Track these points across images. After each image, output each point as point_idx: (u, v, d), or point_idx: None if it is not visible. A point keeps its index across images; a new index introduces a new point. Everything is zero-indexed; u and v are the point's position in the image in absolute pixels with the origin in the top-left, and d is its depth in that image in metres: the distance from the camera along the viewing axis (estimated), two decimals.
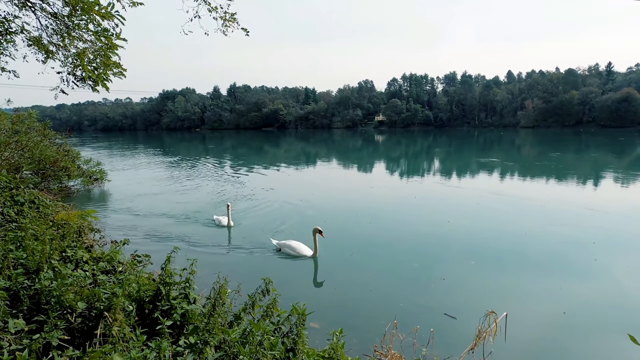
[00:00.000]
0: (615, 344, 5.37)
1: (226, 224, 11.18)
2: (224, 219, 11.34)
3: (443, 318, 6.14)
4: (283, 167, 27.70)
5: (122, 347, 3.13)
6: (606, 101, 74.39)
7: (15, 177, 9.03)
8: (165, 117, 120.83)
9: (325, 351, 3.31)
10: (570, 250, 9.05)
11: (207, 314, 3.57)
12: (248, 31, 6.15)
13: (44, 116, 19.93)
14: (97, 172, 17.96)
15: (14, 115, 14.88)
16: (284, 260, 8.77)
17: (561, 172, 22.12)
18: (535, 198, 14.78)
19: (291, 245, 9.00)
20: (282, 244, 9.19)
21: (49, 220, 6.86)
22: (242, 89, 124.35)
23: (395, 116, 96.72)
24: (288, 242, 9.12)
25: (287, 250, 9.01)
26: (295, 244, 8.99)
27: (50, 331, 3.14)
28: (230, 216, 11.18)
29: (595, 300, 6.65)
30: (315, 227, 8.72)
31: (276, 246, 9.29)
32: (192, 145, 57.15)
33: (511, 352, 5.22)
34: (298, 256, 8.83)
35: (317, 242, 8.72)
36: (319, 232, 8.66)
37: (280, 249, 9.16)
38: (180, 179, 21.62)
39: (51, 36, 5.90)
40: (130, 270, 5.30)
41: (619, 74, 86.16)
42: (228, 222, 11.17)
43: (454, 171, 24.30)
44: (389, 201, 15.26)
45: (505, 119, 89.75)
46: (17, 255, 4.49)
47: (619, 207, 13.16)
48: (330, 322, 5.67)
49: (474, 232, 10.66)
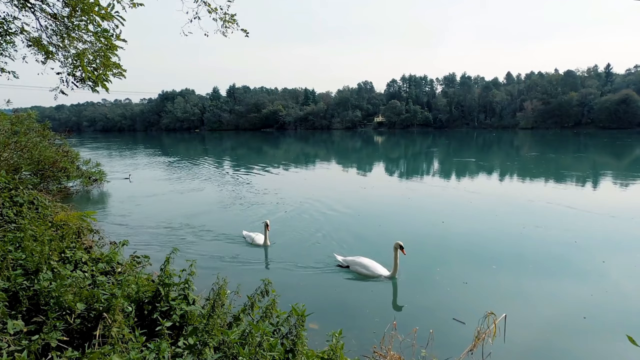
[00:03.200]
0: (614, 345, 5.37)
1: (262, 243, 9.70)
2: (257, 236, 9.90)
3: (442, 319, 6.14)
4: (285, 168, 27.66)
5: (121, 348, 3.13)
6: (605, 103, 74.57)
7: (15, 177, 9.02)
8: (165, 118, 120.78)
9: (324, 352, 3.31)
10: (569, 250, 9.06)
11: (206, 315, 3.57)
12: (248, 32, 6.17)
13: (43, 117, 19.93)
14: (96, 173, 17.95)
15: (13, 116, 14.88)
16: (355, 283, 7.60)
17: (558, 174, 22.19)
18: (533, 199, 14.80)
19: (363, 263, 7.85)
20: (350, 262, 8.03)
21: (48, 221, 6.85)
22: (242, 89, 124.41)
23: (395, 117, 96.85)
24: (358, 259, 7.96)
25: (357, 268, 7.86)
26: (368, 261, 7.88)
27: (49, 332, 3.13)
28: (268, 235, 9.69)
29: (595, 301, 6.65)
30: (396, 242, 7.55)
31: (342, 263, 8.18)
32: (192, 146, 57.15)
33: (510, 353, 5.22)
34: (373, 276, 7.69)
35: (397, 259, 7.58)
36: (401, 247, 7.51)
37: (349, 266, 8.02)
38: (180, 180, 21.60)
39: (51, 37, 5.91)
40: (129, 271, 5.30)
41: (617, 76, 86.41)
42: (265, 242, 9.67)
43: (449, 172, 24.33)
44: (388, 201, 15.27)
45: (505, 120, 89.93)
46: (16, 256, 4.48)
47: (621, 210, 13.17)
48: (329, 323, 5.67)
49: (470, 233, 10.66)
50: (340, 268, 8.11)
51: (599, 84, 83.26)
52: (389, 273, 7.65)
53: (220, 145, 58.51)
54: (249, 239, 9.95)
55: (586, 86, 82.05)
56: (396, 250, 7.53)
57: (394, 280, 7.55)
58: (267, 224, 9.62)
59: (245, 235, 10.23)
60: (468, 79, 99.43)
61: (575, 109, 79.66)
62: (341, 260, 8.23)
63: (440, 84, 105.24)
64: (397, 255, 7.53)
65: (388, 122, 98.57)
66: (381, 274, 7.66)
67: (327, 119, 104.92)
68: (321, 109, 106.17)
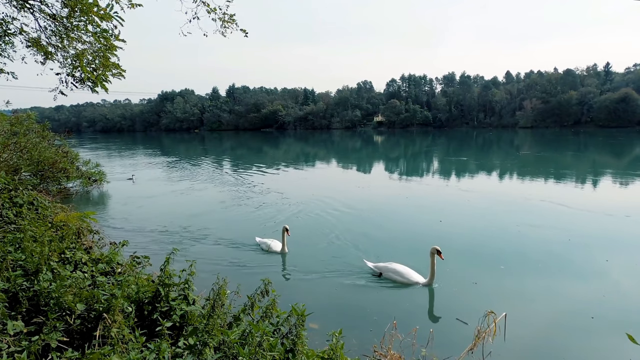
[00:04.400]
0: (615, 344, 5.38)
1: (279, 250, 9.06)
2: (274, 243, 9.21)
3: (442, 318, 6.15)
4: (286, 168, 27.66)
5: (121, 349, 3.13)
6: (604, 101, 74.67)
7: (14, 178, 9.02)
8: (164, 118, 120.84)
9: (324, 352, 3.31)
10: (568, 249, 9.06)
11: (206, 315, 3.57)
12: (247, 32, 6.17)
13: (42, 117, 19.91)
14: (96, 174, 17.95)
15: (12, 117, 14.88)
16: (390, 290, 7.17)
17: (549, 172, 22.23)
18: (529, 197, 14.80)
19: (397, 269, 7.46)
20: (383, 268, 7.61)
21: (48, 222, 6.84)
22: (241, 89, 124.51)
23: (394, 117, 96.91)
24: (392, 266, 7.55)
25: (391, 275, 7.45)
26: (402, 268, 7.48)
27: (49, 333, 3.13)
28: (286, 241, 9.04)
29: (594, 299, 6.66)
30: (433, 247, 7.08)
31: (373, 270, 7.75)
32: (192, 146, 57.15)
33: (510, 352, 5.22)
34: (408, 283, 7.28)
35: (434, 265, 7.12)
36: (438, 252, 7.06)
37: (382, 273, 7.62)
38: (180, 180, 21.61)
39: (50, 37, 5.91)
40: (129, 272, 5.29)
41: (617, 75, 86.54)
42: (282, 249, 9.03)
43: (447, 172, 24.33)
44: (386, 200, 15.27)
45: (504, 120, 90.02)
46: (15, 256, 4.48)
47: (617, 208, 13.17)
48: (329, 323, 5.67)
49: (469, 232, 10.67)
50: (373, 276, 7.67)
51: (598, 82, 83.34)
52: (425, 280, 7.23)
53: (220, 145, 58.52)
54: (265, 246, 9.24)
55: (585, 85, 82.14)
56: (433, 256, 7.07)
57: (431, 287, 7.13)
58: (287, 229, 8.95)
59: (260, 242, 9.53)
60: (467, 78, 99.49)
61: (574, 107, 79.75)
62: (372, 267, 7.77)
63: (439, 83, 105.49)
64: (434, 261, 7.07)
65: (387, 122, 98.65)
66: (417, 281, 7.26)
67: (326, 118, 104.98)
68: (321, 109, 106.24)
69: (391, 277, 7.47)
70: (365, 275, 7.79)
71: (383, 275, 7.59)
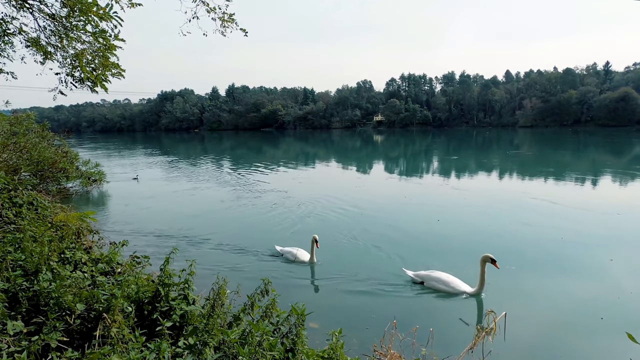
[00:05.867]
0: (615, 343, 5.38)
1: (307, 259, 8.45)
2: (300, 252, 8.58)
3: (442, 318, 6.15)
4: (286, 168, 27.63)
5: (121, 349, 3.13)
6: (604, 100, 74.68)
7: (14, 178, 9.01)
8: (164, 118, 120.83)
9: (324, 351, 3.30)
10: (566, 248, 9.06)
11: (206, 314, 3.57)
12: (246, 32, 6.16)
13: (42, 117, 19.89)
14: (96, 174, 17.95)
15: (12, 117, 14.88)
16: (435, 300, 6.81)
17: (553, 172, 22.21)
18: (530, 197, 14.80)
19: (441, 278, 7.02)
20: (425, 277, 7.20)
21: (48, 222, 6.84)
22: (241, 89, 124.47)
23: (394, 116, 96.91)
24: (435, 274, 7.14)
25: (434, 284, 7.03)
26: (446, 276, 7.06)
27: (49, 333, 3.13)
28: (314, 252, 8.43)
29: (594, 299, 6.66)
30: (486, 255, 6.71)
31: (413, 279, 7.35)
32: (191, 146, 57.12)
33: (510, 351, 5.23)
34: (454, 293, 6.85)
35: (485, 274, 6.72)
36: (492, 261, 6.66)
37: (424, 282, 7.22)
38: (180, 180, 21.60)
39: (49, 37, 5.90)
40: (129, 272, 5.29)
41: (616, 73, 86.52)
42: (311, 258, 8.41)
43: (446, 171, 24.34)
44: (384, 201, 15.27)
45: (504, 119, 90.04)
46: (15, 256, 4.48)
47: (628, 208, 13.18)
48: (329, 322, 5.67)
49: (469, 231, 10.68)
50: (414, 284, 7.30)
51: (598, 81, 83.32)
52: (473, 290, 6.80)
53: (220, 145, 58.52)
54: (290, 256, 8.57)
55: (585, 84, 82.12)
56: (484, 264, 6.68)
57: (479, 297, 6.74)
58: (316, 241, 8.28)
59: (282, 250, 8.87)
60: (467, 77, 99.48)
61: (574, 107, 79.75)
62: (413, 275, 7.37)
63: (439, 82, 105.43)
64: (484, 269, 6.68)
65: (387, 121, 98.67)
66: (464, 291, 6.82)
67: (326, 118, 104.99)
68: (320, 109, 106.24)
69: (434, 286, 7.02)
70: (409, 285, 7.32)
71: (425, 284, 7.17)
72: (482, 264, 6.72)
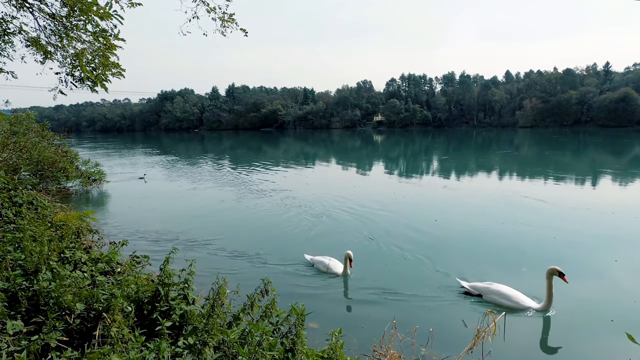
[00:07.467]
0: (615, 343, 5.38)
1: (340, 272, 7.86)
2: (332, 262, 8.03)
3: (442, 318, 6.14)
4: (286, 168, 27.60)
5: (121, 348, 3.13)
6: (604, 101, 74.67)
7: (14, 178, 9.01)
8: (164, 118, 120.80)
9: (324, 351, 3.30)
10: (567, 248, 9.06)
11: (206, 314, 3.57)
12: (247, 31, 6.16)
13: (42, 117, 19.90)
14: (96, 173, 17.94)
15: (12, 116, 14.89)
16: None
17: (551, 173, 22.23)
18: (530, 197, 14.81)
19: (502, 292, 6.52)
20: (484, 290, 6.73)
21: (48, 222, 6.85)
22: (241, 89, 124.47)
23: (394, 116, 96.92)
24: (494, 287, 6.64)
25: (495, 298, 6.53)
26: (508, 290, 6.53)
27: (48, 332, 3.13)
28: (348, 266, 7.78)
29: (594, 298, 6.66)
30: (552, 268, 6.20)
31: (471, 290, 6.88)
32: (192, 146, 57.12)
33: (510, 351, 5.23)
34: (518, 308, 6.33)
35: (552, 288, 6.17)
36: (560, 274, 6.15)
37: (482, 295, 6.74)
38: (180, 179, 21.58)
39: (49, 37, 5.90)
40: (129, 271, 5.29)
41: (616, 74, 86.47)
42: (344, 271, 7.79)
43: (445, 171, 24.35)
44: (378, 199, 15.27)
45: (504, 119, 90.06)
46: (15, 256, 4.48)
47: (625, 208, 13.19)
48: (329, 322, 5.67)
49: (469, 230, 10.66)
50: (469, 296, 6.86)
51: (598, 82, 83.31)
52: (540, 305, 6.26)
53: (220, 145, 58.48)
54: (322, 266, 8.02)
55: (585, 84, 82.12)
56: (551, 277, 6.16)
57: (546, 314, 6.18)
58: (350, 259, 7.68)
59: (313, 260, 8.34)
60: (467, 77, 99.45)
61: (574, 107, 79.75)
62: (469, 287, 6.88)
63: (439, 82, 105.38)
64: (551, 283, 6.16)
65: (387, 121, 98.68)
66: (530, 306, 6.28)
67: (326, 118, 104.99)
68: (320, 109, 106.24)
69: (495, 300, 6.50)
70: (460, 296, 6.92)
71: (484, 297, 6.66)
72: (549, 278, 6.19)
